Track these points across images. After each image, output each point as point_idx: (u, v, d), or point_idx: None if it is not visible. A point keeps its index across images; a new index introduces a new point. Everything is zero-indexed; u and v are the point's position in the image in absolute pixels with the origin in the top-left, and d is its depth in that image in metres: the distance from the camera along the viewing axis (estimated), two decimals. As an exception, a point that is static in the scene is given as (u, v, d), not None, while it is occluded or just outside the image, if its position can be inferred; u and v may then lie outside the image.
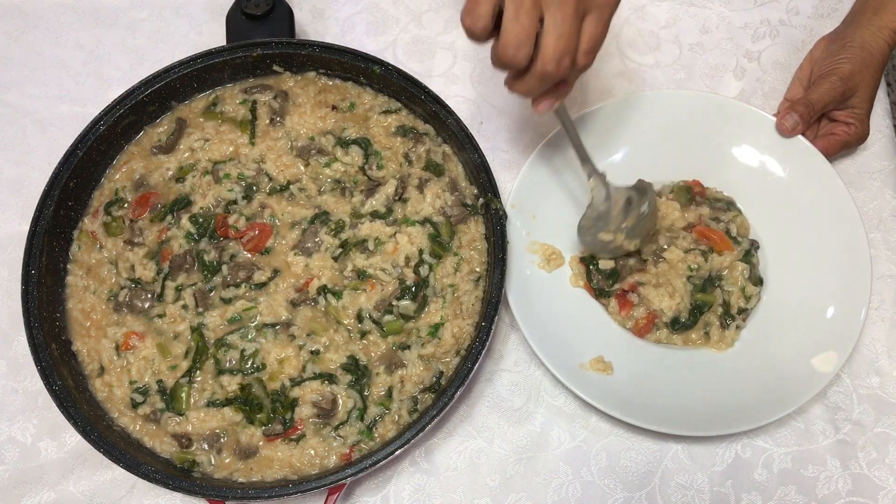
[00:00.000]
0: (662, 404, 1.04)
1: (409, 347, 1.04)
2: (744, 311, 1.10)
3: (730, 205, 1.15)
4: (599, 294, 1.12)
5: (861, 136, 1.16)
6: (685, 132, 1.17)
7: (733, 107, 1.17)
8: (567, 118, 0.99)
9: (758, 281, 1.11)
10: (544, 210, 1.14)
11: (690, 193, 1.14)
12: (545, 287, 1.11)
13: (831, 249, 1.10)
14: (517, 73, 0.82)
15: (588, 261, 1.12)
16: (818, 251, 1.11)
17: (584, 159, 1.03)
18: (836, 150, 1.16)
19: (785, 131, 1.14)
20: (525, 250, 1.12)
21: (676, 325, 1.09)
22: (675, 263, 1.08)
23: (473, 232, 1.10)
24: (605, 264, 1.11)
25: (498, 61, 0.79)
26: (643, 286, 1.09)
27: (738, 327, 1.09)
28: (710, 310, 1.09)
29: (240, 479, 1.00)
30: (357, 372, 1.04)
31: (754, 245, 1.13)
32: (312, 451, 1.01)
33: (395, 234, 1.08)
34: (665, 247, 1.10)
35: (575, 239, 1.12)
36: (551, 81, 0.81)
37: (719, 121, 1.17)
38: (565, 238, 1.14)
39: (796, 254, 1.12)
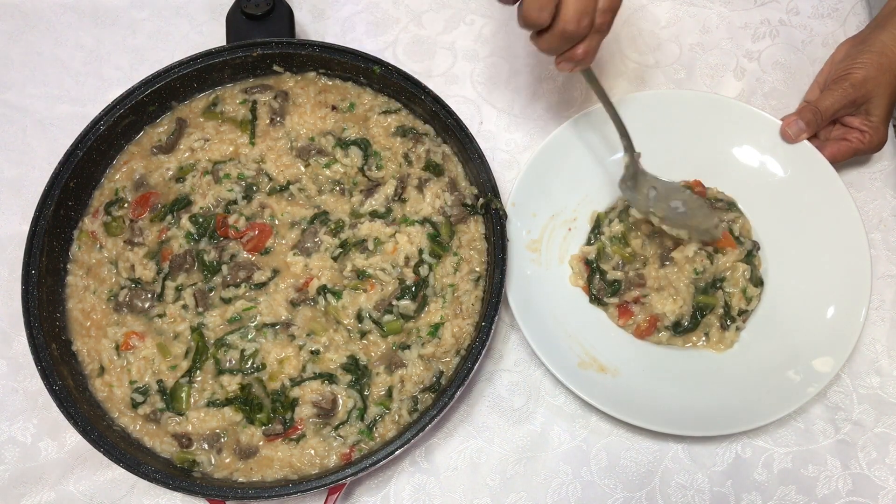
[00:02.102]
0: (662, 404, 1.04)
1: (409, 347, 1.04)
2: (744, 313, 1.10)
3: (731, 205, 1.14)
4: (596, 302, 1.11)
5: (875, 145, 1.11)
6: (685, 132, 1.17)
7: (733, 107, 1.17)
8: (600, 89, 1.02)
9: (758, 282, 1.11)
10: (545, 209, 1.14)
11: (691, 193, 1.14)
12: (545, 287, 1.11)
13: (831, 250, 1.10)
14: (541, 31, 0.89)
15: (593, 265, 1.12)
16: (818, 252, 1.11)
17: (622, 134, 1.06)
18: (847, 157, 1.12)
19: (789, 139, 1.13)
20: (525, 249, 1.12)
21: (678, 329, 1.09)
22: (682, 264, 1.08)
23: (473, 232, 1.10)
24: (613, 274, 1.10)
25: (523, 21, 0.87)
26: (646, 296, 1.09)
27: (738, 328, 1.09)
28: (712, 312, 1.08)
29: (240, 479, 1.00)
30: (357, 372, 1.04)
31: (755, 246, 1.13)
32: (312, 451, 1.01)
33: (394, 234, 1.08)
34: (671, 247, 1.10)
35: (575, 238, 1.12)
36: (572, 40, 0.88)
37: (719, 121, 1.17)
38: (566, 236, 1.14)
39: (796, 254, 1.12)
